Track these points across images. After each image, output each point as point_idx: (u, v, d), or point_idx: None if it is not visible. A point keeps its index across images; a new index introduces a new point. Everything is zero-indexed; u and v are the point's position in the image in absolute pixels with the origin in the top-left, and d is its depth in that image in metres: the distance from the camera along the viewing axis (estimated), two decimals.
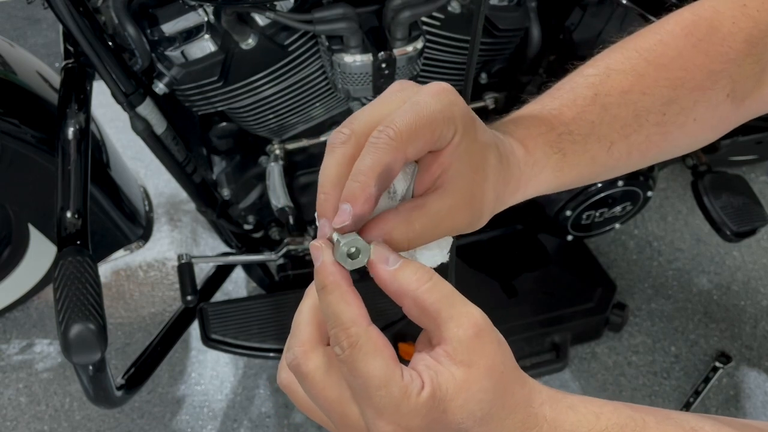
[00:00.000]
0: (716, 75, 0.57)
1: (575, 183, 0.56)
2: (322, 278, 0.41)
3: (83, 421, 1.52)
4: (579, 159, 0.54)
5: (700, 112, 0.57)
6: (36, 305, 1.70)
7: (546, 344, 1.54)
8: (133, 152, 1.89)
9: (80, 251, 0.99)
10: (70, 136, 1.07)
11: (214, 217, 1.38)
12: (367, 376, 0.39)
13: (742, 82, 0.58)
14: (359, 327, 0.39)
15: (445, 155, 0.43)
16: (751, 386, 1.58)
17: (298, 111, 1.21)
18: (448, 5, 1.09)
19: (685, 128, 0.57)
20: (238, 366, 1.59)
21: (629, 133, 0.55)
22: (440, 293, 0.41)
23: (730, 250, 1.83)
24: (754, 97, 0.59)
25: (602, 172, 0.57)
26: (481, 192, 0.46)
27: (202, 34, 1.05)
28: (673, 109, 0.56)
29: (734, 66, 0.57)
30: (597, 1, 1.22)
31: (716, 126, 0.60)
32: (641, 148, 0.56)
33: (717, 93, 0.57)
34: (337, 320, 0.40)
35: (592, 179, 0.57)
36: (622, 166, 0.57)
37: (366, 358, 0.39)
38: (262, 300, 1.43)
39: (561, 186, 0.55)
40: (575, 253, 1.63)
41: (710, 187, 1.46)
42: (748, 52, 0.57)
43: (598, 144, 0.55)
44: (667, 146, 0.58)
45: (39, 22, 2.45)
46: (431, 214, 0.43)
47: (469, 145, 0.44)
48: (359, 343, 0.39)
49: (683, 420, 0.45)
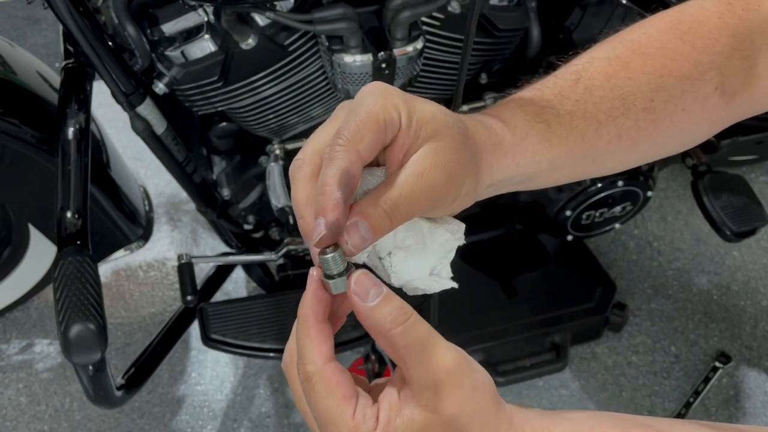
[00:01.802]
0: (703, 66, 0.57)
1: (570, 161, 0.55)
2: (299, 309, 0.43)
3: (83, 421, 1.52)
4: (566, 132, 0.53)
5: (688, 102, 0.57)
6: (36, 305, 1.70)
7: (546, 344, 1.54)
8: (133, 152, 1.90)
9: (80, 251, 0.99)
10: (70, 136, 1.07)
11: (214, 217, 1.38)
12: (319, 413, 0.42)
13: (731, 76, 0.58)
14: (314, 366, 0.42)
15: (401, 138, 0.44)
16: (751, 386, 1.58)
17: (298, 111, 1.21)
18: (448, 5, 1.09)
19: (675, 118, 0.57)
20: (238, 366, 1.59)
21: (616, 115, 0.55)
22: (413, 337, 0.41)
23: (730, 250, 1.83)
24: (744, 94, 0.59)
25: (596, 155, 0.56)
26: (451, 157, 0.44)
27: (202, 34, 1.05)
28: (661, 96, 0.56)
29: (721, 58, 0.57)
30: (597, 1, 1.22)
31: (707, 121, 0.60)
32: (631, 133, 0.56)
33: (705, 84, 0.57)
34: (300, 353, 0.43)
35: (587, 164, 0.56)
36: (615, 152, 0.57)
37: (318, 395, 0.41)
38: (262, 300, 1.43)
39: (556, 160, 0.54)
40: (575, 253, 1.63)
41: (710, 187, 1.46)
42: (734, 47, 0.58)
43: (585, 122, 0.54)
44: (659, 137, 0.58)
45: (39, 22, 2.45)
46: (399, 186, 0.43)
47: (421, 120, 0.44)
48: (313, 380, 0.41)
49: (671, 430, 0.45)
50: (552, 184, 0.58)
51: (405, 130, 0.44)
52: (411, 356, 0.40)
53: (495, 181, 0.51)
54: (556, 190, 1.43)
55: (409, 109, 0.44)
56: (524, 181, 0.54)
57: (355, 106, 0.44)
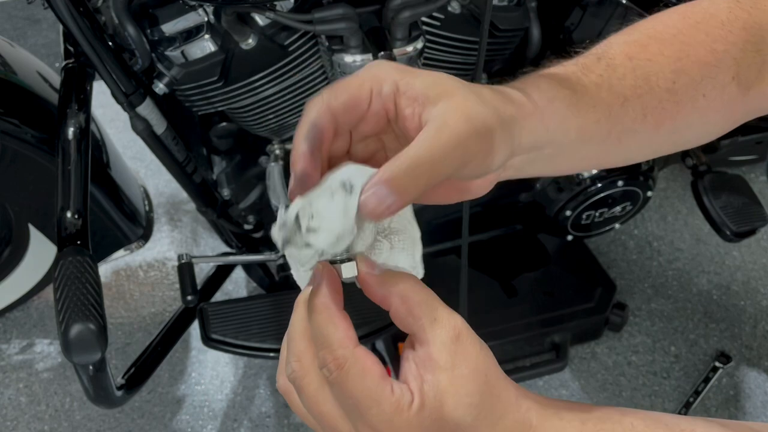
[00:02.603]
0: (719, 54, 0.57)
1: (597, 135, 0.53)
2: (313, 299, 0.42)
3: (83, 420, 1.52)
4: (593, 101, 0.52)
5: (708, 88, 0.57)
6: (36, 305, 1.70)
7: (546, 344, 1.54)
8: (133, 152, 1.90)
9: (80, 251, 0.99)
10: (70, 136, 1.07)
11: (214, 217, 1.38)
12: (359, 395, 0.39)
13: (746, 68, 0.58)
14: (345, 349, 0.40)
15: (402, 103, 0.43)
16: (751, 386, 1.58)
17: (299, 111, 1.21)
18: (448, 5, 1.09)
19: (696, 104, 0.57)
20: (238, 366, 1.59)
21: (641, 93, 0.55)
22: (425, 295, 0.41)
23: (730, 250, 1.83)
24: (758, 89, 0.60)
25: (622, 133, 0.55)
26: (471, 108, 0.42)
27: (202, 34, 1.05)
28: (682, 79, 0.56)
29: (736, 49, 0.58)
30: (597, 1, 1.22)
31: (726, 112, 0.60)
32: (656, 114, 0.55)
33: (722, 72, 0.57)
34: (325, 342, 0.40)
35: (613, 143, 0.55)
36: (639, 132, 0.56)
37: (355, 378, 0.39)
38: (262, 300, 1.43)
39: (584, 130, 0.52)
40: (575, 253, 1.63)
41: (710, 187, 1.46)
42: (747, 39, 0.58)
43: (611, 95, 0.53)
44: (681, 122, 0.58)
45: (39, 22, 2.45)
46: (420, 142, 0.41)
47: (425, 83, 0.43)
48: (347, 365, 0.39)
49: (674, 423, 0.45)
50: (578, 165, 0.57)
51: (404, 93, 0.43)
52: (426, 314, 0.41)
53: (524, 144, 0.48)
54: (556, 190, 1.43)
55: (407, 76, 0.43)
56: (553, 155, 0.52)
57: (353, 78, 0.44)
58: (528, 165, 0.52)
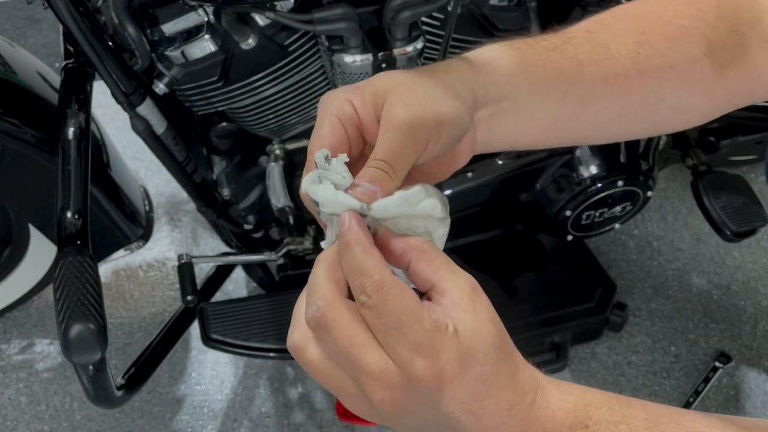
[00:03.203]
0: (687, 29, 0.58)
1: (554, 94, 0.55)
2: (347, 236, 0.43)
3: (83, 421, 1.52)
4: (543, 62, 0.55)
5: (676, 60, 0.57)
6: (36, 305, 1.70)
7: (546, 344, 1.54)
8: (133, 152, 1.90)
9: (80, 251, 0.99)
10: (70, 136, 1.07)
11: (214, 217, 1.38)
12: (399, 313, 0.40)
13: (719, 46, 0.58)
14: (384, 272, 0.41)
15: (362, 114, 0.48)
16: (751, 386, 1.58)
17: (298, 111, 1.21)
18: (448, 5, 1.09)
19: (664, 74, 0.57)
20: (238, 366, 1.59)
21: (599, 59, 0.56)
22: (442, 253, 0.45)
23: (730, 250, 1.83)
24: (736, 69, 0.59)
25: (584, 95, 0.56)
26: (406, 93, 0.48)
27: (202, 34, 1.05)
28: (646, 50, 0.57)
29: (706, 25, 0.58)
30: (597, 1, 1.22)
31: (703, 91, 0.60)
32: (619, 80, 0.56)
33: (691, 47, 0.58)
34: (362, 270, 0.41)
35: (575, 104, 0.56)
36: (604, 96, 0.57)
37: (396, 296, 0.40)
38: (262, 300, 1.43)
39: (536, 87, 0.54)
40: (575, 253, 1.63)
41: (710, 187, 1.46)
42: (720, 17, 0.58)
43: (564, 58, 0.55)
44: (652, 93, 0.58)
45: (39, 22, 2.45)
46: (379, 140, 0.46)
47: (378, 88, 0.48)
48: (385, 286, 0.40)
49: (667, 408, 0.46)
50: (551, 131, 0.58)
51: (360, 108, 0.48)
52: (445, 266, 0.43)
53: (479, 99, 0.52)
54: (556, 190, 1.43)
55: (358, 90, 0.49)
56: (514, 112, 0.54)
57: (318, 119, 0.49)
58: (496, 123, 0.54)
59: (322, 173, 0.45)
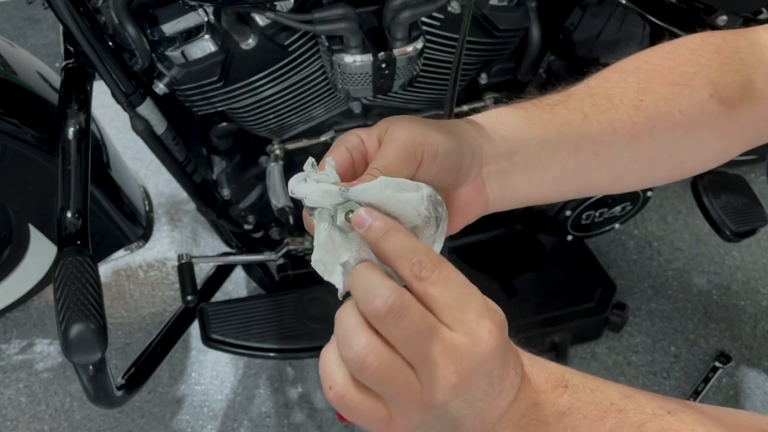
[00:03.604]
0: (689, 75, 0.58)
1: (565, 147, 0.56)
2: (378, 225, 0.44)
3: (83, 421, 1.52)
4: (549, 116, 0.56)
5: (683, 105, 0.58)
6: (36, 305, 1.70)
7: (546, 344, 1.54)
8: (133, 152, 1.89)
9: (80, 251, 0.99)
10: (70, 136, 1.07)
11: (214, 217, 1.38)
12: (462, 284, 0.42)
13: (725, 86, 0.59)
14: (436, 254, 0.43)
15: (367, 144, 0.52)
16: (751, 386, 1.58)
17: (298, 111, 1.21)
18: (448, 5, 1.09)
19: (672, 118, 0.58)
20: (238, 366, 1.59)
21: (603, 110, 0.56)
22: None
23: (730, 250, 1.83)
24: (745, 108, 0.60)
25: (595, 144, 0.56)
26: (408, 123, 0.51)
27: (203, 34, 1.05)
28: (650, 97, 0.57)
29: (709, 70, 0.59)
30: (597, 1, 1.22)
31: (714, 131, 0.60)
32: (626, 126, 0.57)
33: (696, 90, 0.58)
34: (415, 250, 0.43)
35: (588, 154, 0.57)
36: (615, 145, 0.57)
37: (450, 276, 0.43)
38: (262, 300, 1.43)
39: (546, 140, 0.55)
40: (575, 253, 1.63)
41: (710, 187, 1.46)
42: (721, 61, 0.59)
43: (568, 111, 0.56)
44: (664, 138, 0.58)
45: (39, 22, 2.45)
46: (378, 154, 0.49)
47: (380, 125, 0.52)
48: (440, 265, 0.42)
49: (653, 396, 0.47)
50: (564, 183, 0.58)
51: (368, 138, 0.51)
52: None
53: (487, 153, 0.53)
54: None
55: (370, 127, 0.52)
56: (527, 166, 0.55)
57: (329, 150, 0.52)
58: (509, 179, 0.55)
59: (307, 174, 0.47)
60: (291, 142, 1.28)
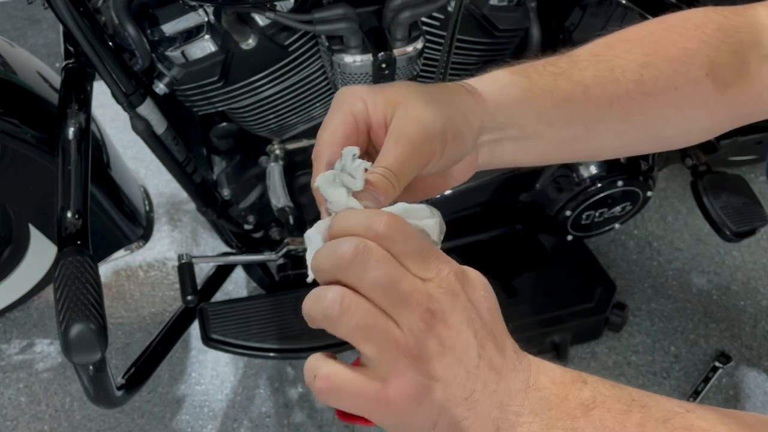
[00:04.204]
0: (691, 51, 0.59)
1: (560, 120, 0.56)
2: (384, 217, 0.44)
3: (83, 420, 1.52)
4: (551, 87, 0.56)
5: (680, 82, 0.58)
6: (36, 305, 1.70)
7: (546, 344, 1.54)
8: (133, 152, 1.89)
9: (80, 251, 0.99)
10: (70, 136, 1.07)
11: (214, 217, 1.38)
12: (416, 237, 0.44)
13: (721, 66, 0.59)
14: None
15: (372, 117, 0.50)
16: (751, 386, 1.58)
17: (299, 111, 1.21)
18: (448, 5, 1.09)
19: (668, 96, 0.58)
20: (238, 366, 1.59)
21: (604, 82, 0.57)
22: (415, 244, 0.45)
23: (730, 250, 1.83)
24: (738, 89, 0.61)
25: (587, 119, 0.57)
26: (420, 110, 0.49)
27: (203, 35, 1.05)
28: (650, 71, 0.58)
29: (709, 48, 0.59)
30: (597, 1, 1.22)
31: (704, 109, 0.61)
32: (622, 102, 0.57)
33: (695, 68, 0.59)
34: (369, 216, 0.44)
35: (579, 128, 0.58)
36: (607, 120, 0.58)
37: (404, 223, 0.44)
38: (262, 300, 1.42)
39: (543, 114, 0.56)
40: (575, 253, 1.63)
41: (710, 187, 1.46)
42: (721, 39, 0.60)
43: (570, 83, 0.56)
44: (655, 115, 0.59)
45: (39, 22, 2.45)
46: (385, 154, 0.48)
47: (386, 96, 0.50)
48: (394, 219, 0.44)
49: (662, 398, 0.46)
50: (553, 152, 0.59)
51: (372, 110, 0.50)
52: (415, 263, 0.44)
53: (485, 126, 0.53)
54: (556, 190, 1.43)
55: (373, 92, 0.50)
56: (519, 138, 0.56)
57: (332, 110, 0.51)
58: (499, 147, 0.56)
59: (338, 174, 0.47)
60: (291, 142, 1.28)
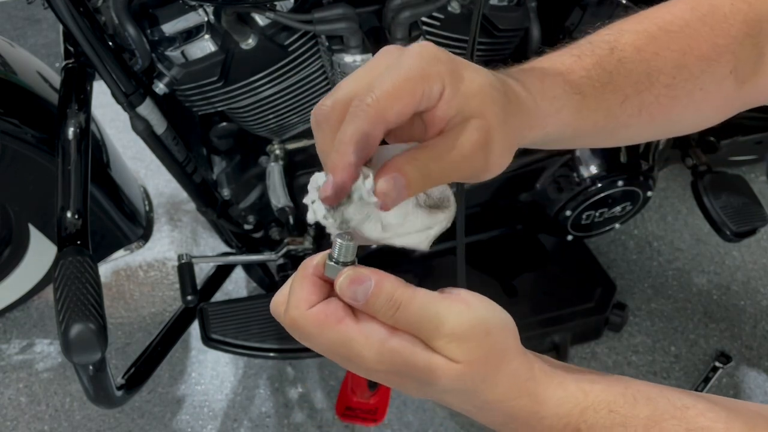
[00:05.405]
0: (720, 48, 0.59)
1: (590, 133, 0.57)
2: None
3: (83, 420, 1.52)
4: (597, 105, 0.55)
5: (706, 82, 0.59)
6: (36, 305, 1.70)
7: (546, 344, 1.54)
8: (133, 152, 1.89)
9: (80, 251, 0.99)
10: (70, 136, 1.07)
11: (214, 217, 1.38)
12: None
13: (743, 61, 0.59)
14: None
15: (442, 108, 0.44)
16: (751, 386, 1.58)
17: (299, 111, 1.21)
18: (448, 5, 1.09)
19: (692, 97, 0.59)
20: (238, 366, 1.59)
21: (641, 90, 0.57)
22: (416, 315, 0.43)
23: (730, 250, 1.83)
24: (752, 82, 0.61)
25: (615, 127, 0.58)
26: (491, 135, 0.45)
27: (203, 34, 1.05)
28: (683, 74, 0.58)
29: (735, 43, 0.59)
30: (597, 1, 1.22)
31: (721, 104, 0.62)
32: (651, 109, 0.58)
33: (722, 67, 0.59)
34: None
35: (605, 136, 0.59)
36: (632, 126, 0.58)
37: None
38: (262, 300, 1.42)
39: (578, 132, 0.55)
40: (575, 253, 1.63)
41: (710, 187, 1.46)
42: (746, 32, 0.59)
43: (614, 95, 0.56)
44: (676, 115, 0.60)
45: (39, 22, 2.45)
46: (438, 153, 0.43)
47: (467, 94, 0.44)
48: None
49: (676, 398, 0.46)
50: (566, 147, 0.61)
51: (447, 101, 0.43)
52: (423, 332, 0.43)
53: (523, 143, 0.52)
54: (556, 190, 1.43)
55: (454, 81, 0.44)
56: (545, 144, 0.56)
57: (400, 63, 0.43)
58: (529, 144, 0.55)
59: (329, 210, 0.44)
60: (291, 142, 1.28)
